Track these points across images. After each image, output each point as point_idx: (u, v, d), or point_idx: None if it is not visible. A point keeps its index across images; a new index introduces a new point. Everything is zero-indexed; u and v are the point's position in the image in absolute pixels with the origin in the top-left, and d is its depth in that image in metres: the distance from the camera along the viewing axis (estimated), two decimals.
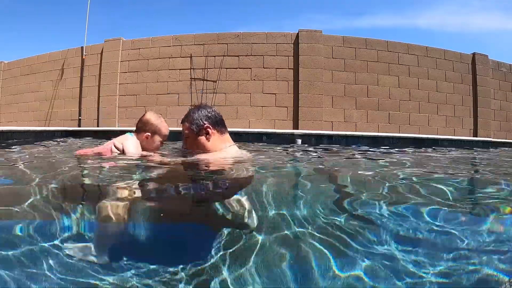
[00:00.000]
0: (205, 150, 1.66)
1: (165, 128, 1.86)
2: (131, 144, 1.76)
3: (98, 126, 6.80)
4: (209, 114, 1.68)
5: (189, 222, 0.85)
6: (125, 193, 1.04)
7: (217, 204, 0.96)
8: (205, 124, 1.64)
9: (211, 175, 1.44)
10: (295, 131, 5.36)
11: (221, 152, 1.67)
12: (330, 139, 4.88)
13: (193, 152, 1.69)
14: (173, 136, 2.05)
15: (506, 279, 0.59)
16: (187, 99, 6.45)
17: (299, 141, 4.66)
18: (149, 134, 1.80)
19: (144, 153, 1.80)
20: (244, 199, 0.98)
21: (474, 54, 6.82)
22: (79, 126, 7.05)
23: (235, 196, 1.02)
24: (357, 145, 4.44)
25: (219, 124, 1.70)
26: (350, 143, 4.66)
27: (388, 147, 4.13)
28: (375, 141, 4.87)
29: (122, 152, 1.75)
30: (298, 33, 6.30)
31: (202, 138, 1.65)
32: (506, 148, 5.37)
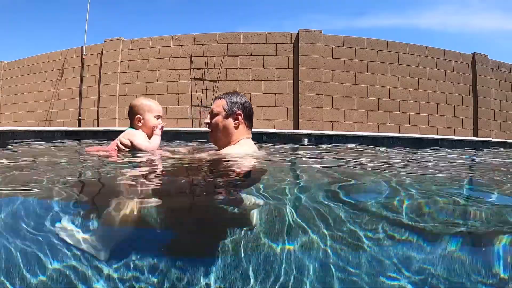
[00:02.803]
0: (225, 133, 1.69)
1: (155, 103, 1.85)
2: (140, 138, 1.74)
3: (98, 126, 6.81)
4: (246, 105, 1.74)
5: (194, 220, 0.85)
6: (135, 189, 1.04)
7: (225, 201, 0.95)
8: (238, 111, 1.69)
9: (222, 173, 1.43)
10: (296, 131, 5.36)
11: (234, 147, 1.68)
12: (330, 139, 4.89)
13: (205, 149, 1.68)
14: (172, 136, 2.05)
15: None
16: (187, 99, 6.46)
17: (306, 140, 4.66)
18: (140, 115, 1.79)
19: (158, 151, 1.78)
20: (253, 196, 0.97)
21: (474, 54, 6.82)
22: (79, 126, 7.06)
23: (245, 193, 1.01)
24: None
25: (249, 118, 1.75)
26: (351, 143, 4.66)
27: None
28: (375, 141, 4.87)
29: (132, 148, 1.72)
30: (298, 33, 6.30)
31: (230, 122, 1.68)
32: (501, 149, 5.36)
